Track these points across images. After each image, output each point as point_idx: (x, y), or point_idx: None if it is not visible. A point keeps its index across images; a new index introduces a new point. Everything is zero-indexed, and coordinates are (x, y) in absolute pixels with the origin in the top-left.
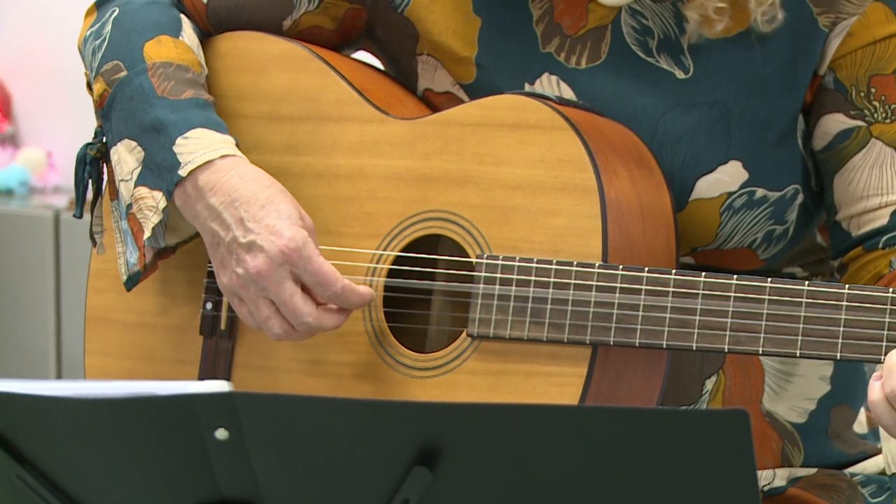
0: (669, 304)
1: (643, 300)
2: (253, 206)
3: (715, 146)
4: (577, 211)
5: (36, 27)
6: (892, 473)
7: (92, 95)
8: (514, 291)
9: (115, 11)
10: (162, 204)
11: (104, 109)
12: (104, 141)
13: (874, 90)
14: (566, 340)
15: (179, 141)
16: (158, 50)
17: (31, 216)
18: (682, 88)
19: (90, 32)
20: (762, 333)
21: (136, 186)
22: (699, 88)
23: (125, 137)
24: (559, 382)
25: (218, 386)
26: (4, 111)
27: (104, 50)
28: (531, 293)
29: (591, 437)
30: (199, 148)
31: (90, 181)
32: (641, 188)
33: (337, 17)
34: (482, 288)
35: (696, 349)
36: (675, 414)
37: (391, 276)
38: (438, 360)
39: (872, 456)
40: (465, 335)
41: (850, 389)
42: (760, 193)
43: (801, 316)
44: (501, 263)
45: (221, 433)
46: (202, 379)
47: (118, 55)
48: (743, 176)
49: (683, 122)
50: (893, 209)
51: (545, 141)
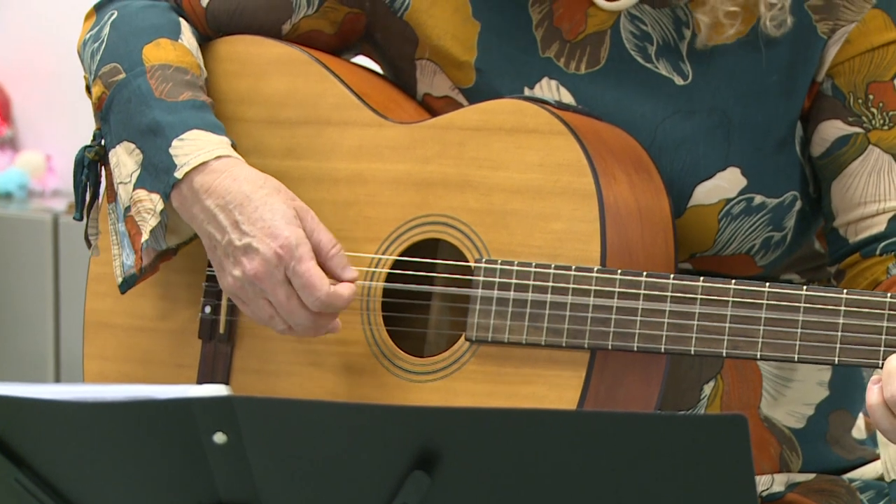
0: (668, 308)
1: (641, 305)
2: (247, 207)
3: (714, 153)
4: (575, 215)
5: (35, 31)
6: (891, 480)
7: (91, 98)
8: (512, 296)
9: (113, 14)
10: (159, 206)
11: (102, 112)
12: (102, 143)
13: (872, 97)
14: (564, 345)
15: (175, 143)
16: (157, 52)
17: (29, 220)
18: (680, 95)
19: (89, 35)
20: (760, 338)
21: (134, 189)
22: (698, 95)
23: (124, 140)
24: (557, 387)
25: (216, 390)
26: (3, 115)
27: (102, 52)
28: (529, 297)
29: (589, 441)
30: (194, 150)
31: (88, 184)
32: (640, 193)
33: (336, 21)
34: (481, 292)
35: (694, 354)
36: (673, 419)
37: (390, 280)
38: (437, 364)
39: (871, 461)
40: (463, 339)
41: (848, 395)
42: (759, 200)
43: (799, 321)
44: (500, 268)
45: (220, 437)
46: (201, 383)
47: (117, 58)
48: (741, 182)
49: (682, 128)
50: (891, 216)
51: (544, 145)
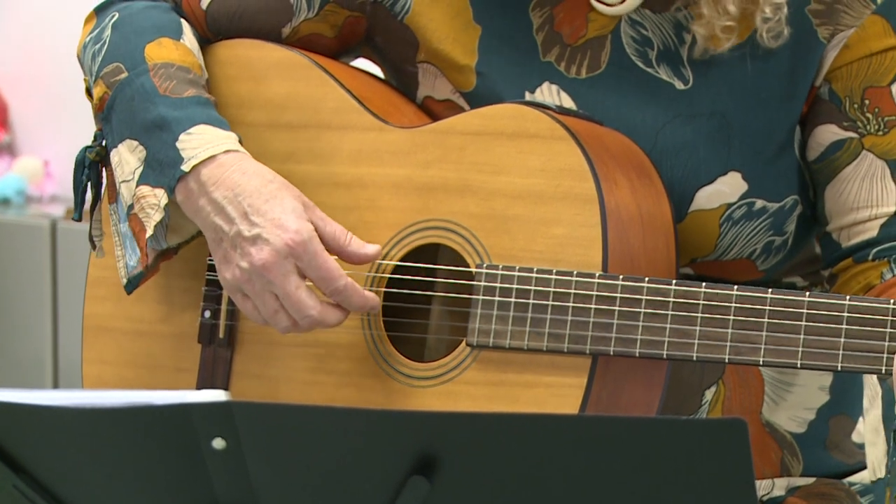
0: (670, 314)
1: (643, 310)
2: (257, 199)
3: (714, 157)
4: (577, 220)
5: (33, 36)
6: (876, 479)
7: (91, 100)
8: (513, 301)
9: (114, 16)
10: (164, 200)
11: (104, 112)
12: (104, 144)
13: (868, 102)
14: (566, 350)
15: (182, 137)
16: (159, 51)
17: (27, 225)
18: (681, 99)
19: (90, 38)
20: (763, 344)
21: (137, 185)
22: (699, 99)
23: (126, 138)
24: (559, 392)
25: (215, 395)
26: (1, 120)
27: (104, 53)
28: (531, 303)
29: (589, 445)
30: (202, 143)
31: (89, 185)
32: (641, 197)
33: (336, 24)
34: (482, 297)
35: (696, 359)
36: (673, 423)
37: (390, 285)
38: (437, 369)
39: None
40: (464, 344)
41: (848, 399)
42: (760, 204)
43: (801, 326)
44: (501, 273)
45: (218, 442)
46: (200, 387)
47: (119, 57)
48: (742, 187)
49: (683, 133)
50: (883, 221)
51: (545, 150)
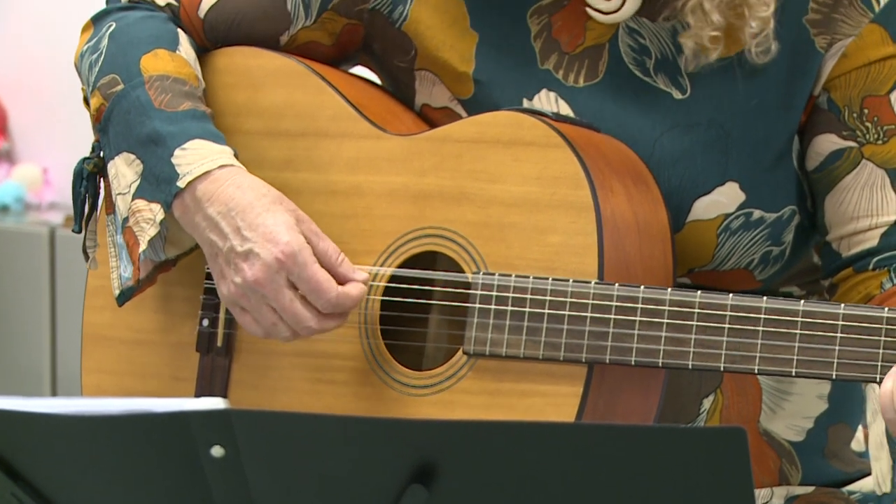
0: (665, 322)
1: (639, 319)
2: (249, 214)
3: (712, 167)
4: (573, 228)
5: (32, 44)
6: (882, 493)
7: (89, 110)
8: (510, 309)
9: (111, 26)
10: (160, 216)
11: (101, 123)
12: (101, 155)
13: (867, 111)
14: (562, 359)
15: (177, 152)
16: (155, 63)
17: (26, 233)
18: (679, 109)
19: (87, 47)
20: (758, 353)
21: (133, 199)
22: (696, 109)
23: (123, 150)
24: (555, 401)
25: (214, 403)
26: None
27: (101, 64)
28: (527, 311)
29: (587, 454)
30: (197, 159)
31: (87, 196)
32: (638, 205)
33: (334, 32)
34: (478, 306)
35: (691, 368)
36: (672, 431)
37: (387, 293)
38: (435, 377)
39: (869, 474)
40: (461, 353)
41: (847, 408)
42: (757, 215)
43: (796, 335)
44: (497, 281)
45: (217, 450)
46: (199, 396)
47: (115, 69)
48: (740, 197)
49: (681, 142)
50: (883, 231)
51: (541, 158)
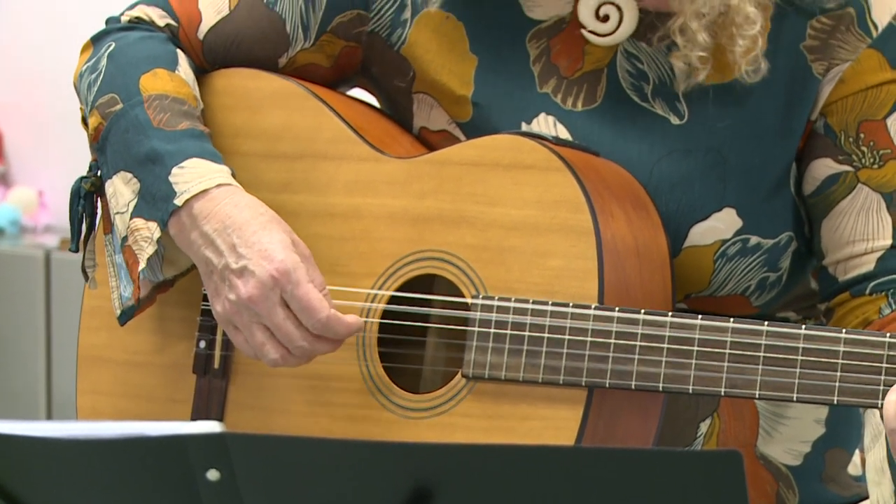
0: (665, 346)
1: (639, 343)
2: (245, 231)
3: (709, 193)
4: (573, 252)
5: (27, 66)
6: None
7: (87, 130)
8: (509, 333)
9: (111, 46)
10: (157, 234)
11: (99, 143)
12: (99, 174)
13: (863, 136)
14: (562, 382)
15: (175, 171)
16: (154, 82)
17: (21, 256)
18: (677, 135)
19: (86, 67)
20: (759, 377)
21: (132, 218)
22: (694, 135)
23: (121, 170)
24: (555, 425)
25: (209, 426)
26: None
27: (100, 83)
28: (527, 335)
29: (585, 477)
30: (194, 177)
31: (84, 215)
32: (638, 229)
33: (333, 54)
34: (477, 329)
35: (692, 392)
36: (668, 455)
37: (386, 315)
38: (433, 400)
39: (866, 498)
40: (459, 376)
41: (844, 432)
42: (754, 241)
43: (797, 360)
44: (497, 304)
45: (213, 474)
46: (195, 418)
47: (114, 88)
48: (737, 223)
49: (679, 168)
50: (880, 255)
51: (541, 182)
